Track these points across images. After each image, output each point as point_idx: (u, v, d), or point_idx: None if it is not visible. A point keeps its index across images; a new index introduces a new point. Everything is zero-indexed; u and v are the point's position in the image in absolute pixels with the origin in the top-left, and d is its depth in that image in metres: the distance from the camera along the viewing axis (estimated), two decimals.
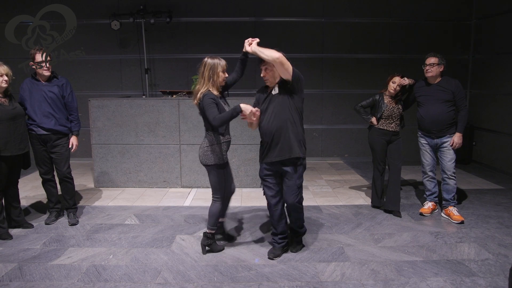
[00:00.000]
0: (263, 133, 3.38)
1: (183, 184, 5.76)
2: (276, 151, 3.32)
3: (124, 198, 5.30)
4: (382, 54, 7.46)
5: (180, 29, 7.38)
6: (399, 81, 4.44)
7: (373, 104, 4.60)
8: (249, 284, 3.11)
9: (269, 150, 3.35)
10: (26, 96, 4.14)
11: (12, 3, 7.14)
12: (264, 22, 7.38)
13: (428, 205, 4.62)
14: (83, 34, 7.25)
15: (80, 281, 3.13)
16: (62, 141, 4.29)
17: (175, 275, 3.23)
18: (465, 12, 7.37)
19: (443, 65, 4.32)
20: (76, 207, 4.54)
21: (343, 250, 3.68)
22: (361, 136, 7.44)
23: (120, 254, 3.61)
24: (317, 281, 3.13)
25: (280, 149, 3.30)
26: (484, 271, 3.26)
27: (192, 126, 5.60)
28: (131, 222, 4.42)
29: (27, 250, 3.68)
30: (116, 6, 7.20)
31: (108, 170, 5.73)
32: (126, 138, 5.65)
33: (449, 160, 4.37)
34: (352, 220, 4.44)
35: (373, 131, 4.61)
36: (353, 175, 6.53)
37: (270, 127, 3.30)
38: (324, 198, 5.26)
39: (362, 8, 7.34)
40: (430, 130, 4.40)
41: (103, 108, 5.60)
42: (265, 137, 3.37)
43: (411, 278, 3.17)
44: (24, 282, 3.12)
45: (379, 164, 4.64)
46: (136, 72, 7.46)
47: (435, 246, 3.74)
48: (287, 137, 3.28)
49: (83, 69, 7.44)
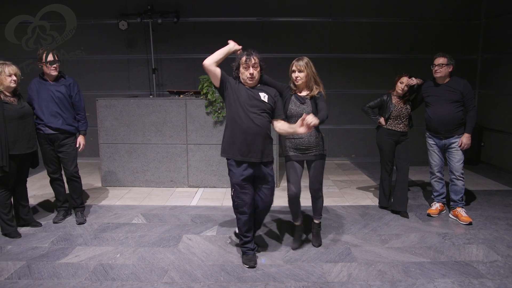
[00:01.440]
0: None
1: (190, 183, 5.77)
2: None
3: (131, 197, 5.32)
4: (389, 54, 7.42)
5: (187, 29, 7.39)
6: (407, 81, 4.41)
7: (381, 104, 4.58)
8: (255, 284, 3.10)
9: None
10: (34, 96, 4.17)
11: (12, 3, 7.20)
12: (271, 22, 7.37)
13: (436, 206, 4.58)
14: (90, 34, 7.32)
15: (88, 280, 3.15)
16: (70, 141, 4.32)
17: (181, 275, 3.23)
18: (473, 11, 7.31)
19: (452, 65, 4.29)
20: (83, 206, 4.57)
21: (350, 250, 3.67)
22: (368, 136, 7.40)
23: (127, 253, 3.62)
24: (323, 282, 3.12)
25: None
26: (492, 273, 3.23)
27: (199, 126, 5.61)
28: (138, 221, 4.43)
29: (35, 248, 3.71)
30: (124, 7, 7.24)
31: (115, 170, 5.76)
32: (134, 138, 5.68)
33: (458, 161, 4.34)
34: (359, 221, 4.42)
35: (381, 131, 4.59)
36: (360, 176, 6.50)
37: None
38: (331, 198, 5.24)
39: (370, 8, 7.31)
40: (438, 130, 4.37)
41: (110, 107, 5.63)
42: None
43: (418, 279, 3.15)
44: (32, 280, 3.14)
45: (387, 165, 4.62)
46: (143, 72, 7.49)
47: (443, 247, 3.72)
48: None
49: (91, 69, 7.48)
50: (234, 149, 3.31)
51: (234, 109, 3.33)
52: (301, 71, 3.49)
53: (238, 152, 3.30)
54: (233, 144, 3.31)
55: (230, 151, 3.33)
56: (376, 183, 5.87)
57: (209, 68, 3.27)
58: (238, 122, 3.30)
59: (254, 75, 3.31)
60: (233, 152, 3.31)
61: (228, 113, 3.41)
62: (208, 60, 3.26)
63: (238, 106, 3.31)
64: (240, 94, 3.33)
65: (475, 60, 7.43)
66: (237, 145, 3.30)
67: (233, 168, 3.33)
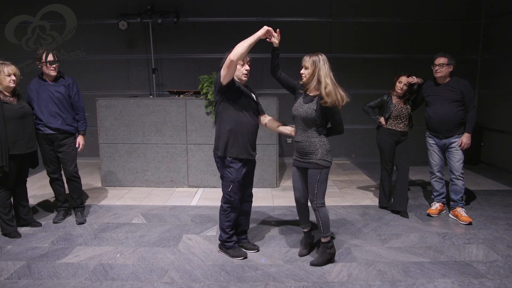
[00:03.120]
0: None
1: (190, 183, 5.77)
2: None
3: (131, 197, 5.32)
4: (389, 54, 7.42)
5: (187, 29, 7.39)
6: (406, 80, 4.41)
7: (382, 104, 4.58)
8: (255, 284, 3.10)
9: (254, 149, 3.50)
10: (33, 96, 4.17)
11: (12, 3, 7.20)
12: (271, 22, 7.26)
13: (436, 206, 4.58)
14: (90, 34, 7.32)
15: (88, 280, 3.15)
16: (69, 141, 4.32)
17: (181, 275, 3.23)
18: (474, 11, 7.31)
19: (453, 65, 4.29)
20: (83, 206, 4.57)
21: (350, 250, 3.67)
22: (368, 136, 7.40)
23: (127, 253, 3.62)
24: (323, 282, 3.12)
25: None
26: (492, 273, 3.23)
27: (199, 126, 5.61)
28: (138, 221, 4.43)
29: (35, 248, 3.71)
30: (124, 6, 7.24)
31: (115, 170, 5.76)
32: (134, 138, 5.67)
33: (457, 161, 4.34)
34: (359, 221, 4.42)
35: (382, 131, 4.59)
36: (360, 176, 6.50)
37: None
38: (331, 198, 5.24)
39: (369, 8, 7.31)
40: (438, 130, 4.37)
41: (110, 107, 5.63)
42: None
43: (418, 279, 3.15)
44: (32, 280, 3.14)
45: (387, 164, 4.62)
46: (143, 72, 7.48)
47: (443, 247, 3.72)
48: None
49: (91, 69, 7.48)
50: (239, 147, 3.33)
51: (239, 107, 3.30)
52: (306, 68, 3.25)
53: (244, 150, 3.33)
54: (237, 142, 3.32)
55: (233, 150, 3.33)
56: (376, 183, 5.86)
57: (235, 64, 3.14)
58: (244, 120, 3.31)
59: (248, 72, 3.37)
60: (239, 150, 3.33)
61: (230, 111, 3.32)
62: (237, 56, 3.07)
63: (244, 104, 3.32)
64: (243, 92, 3.33)
65: (475, 60, 7.42)
66: (241, 143, 3.32)
67: (235, 165, 3.35)
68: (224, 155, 3.36)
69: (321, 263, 3.36)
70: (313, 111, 3.23)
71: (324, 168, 3.26)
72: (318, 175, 3.26)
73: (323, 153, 3.25)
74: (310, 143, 3.27)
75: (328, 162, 3.28)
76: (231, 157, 3.35)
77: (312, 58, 3.22)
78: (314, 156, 3.25)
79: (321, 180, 3.28)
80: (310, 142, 3.27)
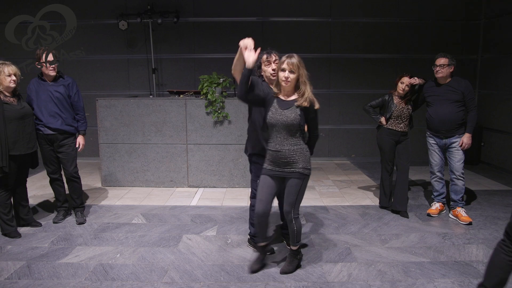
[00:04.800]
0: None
1: (190, 183, 5.77)
2: None
3: (131, 197, 5.32)
4: (389, 54, 7.42)
5: (187, 29, 7.39)
6: (408, 81, 4.41)
7: (383, 104, 4.58)
8: (255, 284, 3.10)
9: None
10: (33, 96, 4.16)
11: (12, 3, 7.19)
12: (271, 22, 7.37)
13: (436, 206, 4.58)
14: (90, 34, 7.32)
15: (88, 280, 3.15)
16: (69, 141, 4.31)
17: (181, 275, 3.23)
18: (474, 11, 7.31)
19: (453, 65, 4.29)
20: (83, 206, 4.57)
21: (350, 250, 3.67)
22: (368, 136, 7.41)
23: (127, 253, 3.62)
24: (323, 282, 3.12)
25: None
26: None
27: (199, 126, 5.61)
28: (138, 221, 4.43)
29: (35, 248, 3.71)
30: (124, 6, 7.23)
31: (115, 170, 5.75)
32: (134, 138, 5.67)
33: (458, 161, 4.34)
34: (359, 221, 4.42)
35: (382, 131, 4.59)
36: (360, 176, 6.50)
37: None
38: (331, 198, 5.24)
39: (370, 8, 7.31)
40: (439, 130, 4.37)
41: (110, 107, 5.63)
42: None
43: (418, 279, 3.15)
44: (32, 280, 3.14)
45: (387, 164, 4.62)
46: (143, 72, 7.48)
47: (443, 247, 3.72)
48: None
49: (91, 69, 7.48)
50: (261, 145, 3.39)
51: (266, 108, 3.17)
52: (293, 72, 2.98)
53: (264, 148, 3.35)
54: (259, 142, 3.40)
55: (256, 148, 3.45)
56: (376, 183, 5.87)
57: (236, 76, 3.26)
58: (268, 120, 3.12)
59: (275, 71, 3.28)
60: (261, 148, 3.38)
61: (253, 113, 3.45)
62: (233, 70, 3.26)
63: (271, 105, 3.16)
64: (268, 93, 3.23)
65: (475, 60, 7.42)
66: (261, 142, 3.40)
67: (260, 161, 3.36)
68: (251, 153, 3.51)
69: (292, 270, 3.26)
70: (297, 116, 3.00)
71: (306, 176, 3.10)
72: (300, 185, 3.09)
73: (306, 160, 3.08)
74: (292, 151, 3.04)
75: (310, 170, 3.12)
76: (256, 154, 3.48)
77: (294, 61, 2.97)
78: (296, 165, 3.05)
79: (302, 190, 3.12)
80: (291, 151, 3.04)
